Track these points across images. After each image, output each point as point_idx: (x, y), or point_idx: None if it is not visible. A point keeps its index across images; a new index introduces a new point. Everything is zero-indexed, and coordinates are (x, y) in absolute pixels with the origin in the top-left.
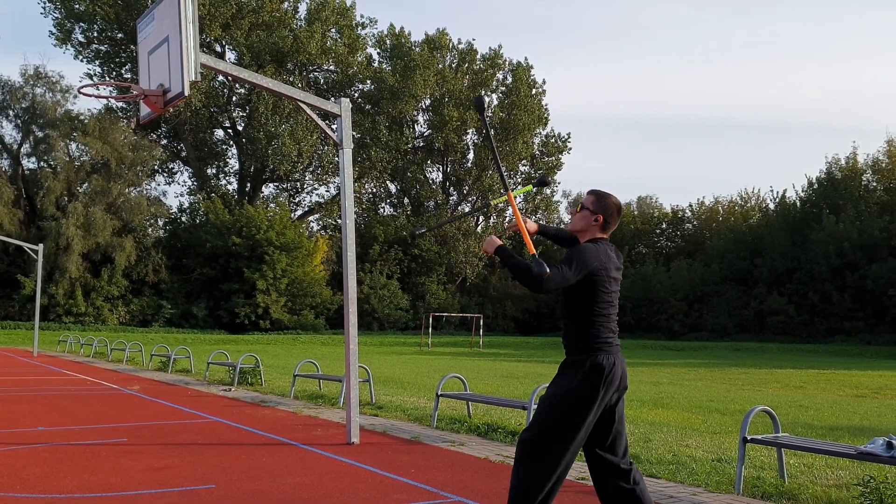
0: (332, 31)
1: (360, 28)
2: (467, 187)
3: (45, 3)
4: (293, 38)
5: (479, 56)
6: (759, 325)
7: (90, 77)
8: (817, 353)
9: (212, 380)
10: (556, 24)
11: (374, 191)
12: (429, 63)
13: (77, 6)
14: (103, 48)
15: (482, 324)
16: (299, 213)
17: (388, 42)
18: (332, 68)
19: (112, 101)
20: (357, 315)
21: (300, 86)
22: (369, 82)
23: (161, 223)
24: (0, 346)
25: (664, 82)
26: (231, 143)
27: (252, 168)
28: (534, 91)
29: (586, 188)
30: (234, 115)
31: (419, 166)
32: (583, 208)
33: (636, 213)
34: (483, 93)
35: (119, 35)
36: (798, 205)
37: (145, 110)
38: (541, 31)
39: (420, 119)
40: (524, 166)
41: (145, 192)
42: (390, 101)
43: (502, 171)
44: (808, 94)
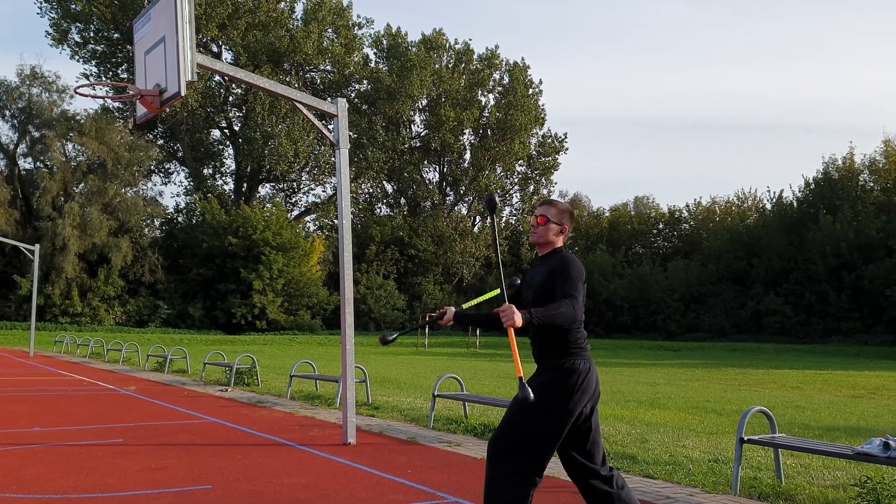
0: (329, 31)
1: (356, 28)
2: (464, 187)
3: (41, 3)
4: (290, 38)
5: (475, 56)
6: (755, 325)
7: (86, 77)
8: (814, 353)
9: (208, 380)
10: (555, 24)
11: (371, 191)
12: (425, 63)
13: (73, 6)
14: (100, 48)
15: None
16: (296, 213)
17: (384, 42)
18: (328, 68)
19: (108, 101)
20: (353, 315)
21: (297, 86)
22: (366, 82)
23: (157, 223)
24: None
25: (662, 82)
26: (227, 143)
27: (248, 168)
28: (530, 91)
29: (583, 188)
30: (230, 115)
31: (416, 166)
32: (547, 221)
33: (633, 213)
34: (479, 93)
35: (115, 35)
36: (795, 205)
37: (142, 110)
38: (539, 31)
39: (417, 119)
40: (521, 166)
41: (142, 193)
42: (387, 101)
43: (502, 275)
44: (807, 94)
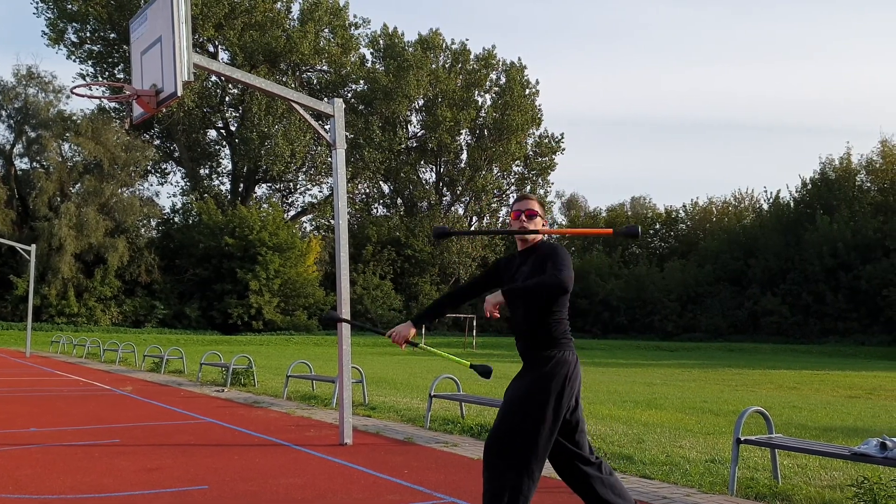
0: (326, 31)
1: (353, 28)
2: (460, 188)
3: (37, 3)
4: (286, 39)
5: (472, 56)
6: (752, 325)
7: (83, 77)
8: (811, 353)
9: (204, 380)
10: (552, 24)
11: (368, 191)
12: (422, 63)
13: (70, 6)
14: (96, 48)
15: (475, 324)
16: (292, 213)
17: (381, 42)
18: (325, 68)
19: (105, 101)
20: (350, 315)
21: (293, 86)
22: (362, 82)
23: (154, 224)
24: None
25: (660, 82)
26: (224, 143)
27: (245, 168)
28: (527, 91)
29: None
30: (227, 115)
31: (412, 167)
32: (536, 215)
33: (630, 213)
34: (476, 93)
35: (112, 35)
36: (792, 205)
37: (138, 111)
38: (536, 32)
39: (413, 119)
40: (518, 167)
41: (138, 193)
42: (383, 101)
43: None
44: (805, 94)
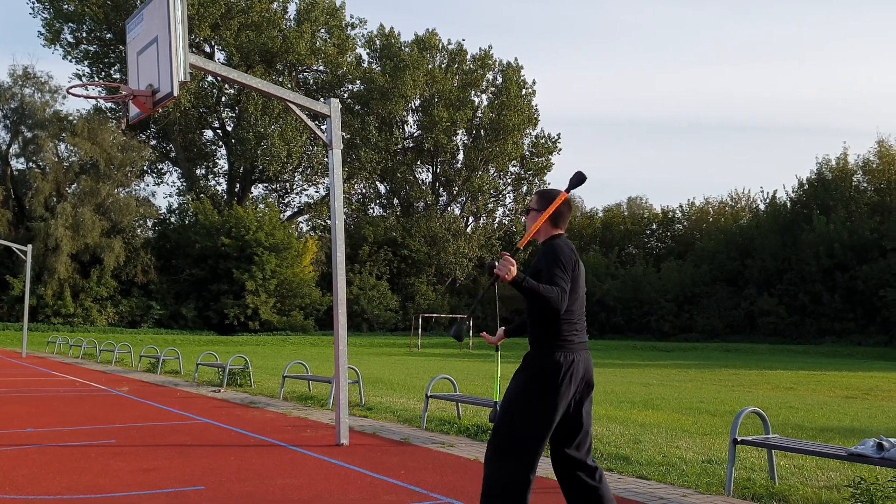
0: (322, 31)
1: (349, 28)
2: (457, 188)
3: (33, 4)
4: (282, 39)
5: (468, 56)
6: (749, 325)
7: (79, 77)
8: (808, 353)
9: (201, 381)
10: (549, 24)
11: (364, 191)
12: (418, 63)
13: (66, 6)
14: (92, 48)
15: (472, 325)
16: (288, 213)
17: (377, 42)
18: (321, 69)
19: (101, 101)
20: (346, 316)
21: (289, 86)
22: (359, 83)
23: (150, 224)
24: None
25: (656, 82)
26: (220, 143)
27: (241, 168)
28: (524, 91)
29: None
30: (223, 115)
31: (409, 167)
32: (530, 211)
33: (626, 213)
34: (472, 93)
35: (108, 35)
36: (788, 205)
37: (134, 111)
38: (533, 32)
39: (410, 119)
40: (514, 167)
41: (134, 193)
42: (380, 101)
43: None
44: (803, 94)
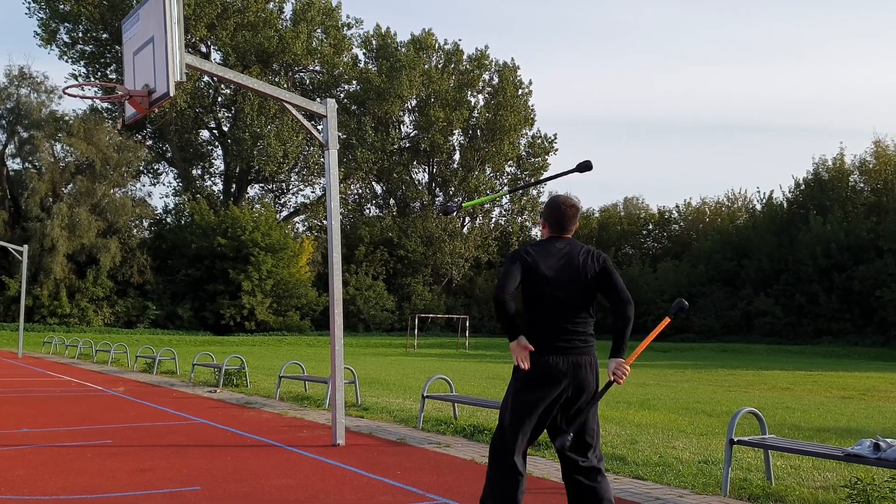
0: (318, 31)
1: (345, 28)
2: (453, 188)
3: (29, 4)
4: (278, 39)
5: (465, 56)
6: (745, 326)
7: (75, 77)
8: (804, 354)
9: (197, 381)
10: (546, 24)
11: (360, 192)
12: (415, 63)
13: (62, 6)
14: (88, 48)
15: (468, 325)
16: (285, 213)
17: (373, 42)
18: (317, 69)
19: (97, 101)
20: (343, 316)
21: (286, 86)
22: (355, 83)
23: (146, 224)
24: None
25: (654, 83)
26: (216, 143)
27: (237, 169)
28: (520, 91)
29: (573, 189)
30: (219, 115)
31: (405, 167)
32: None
33: (623, 214)
34: (469, 93)
35: (104, 35)
36: (785, 206)
37: (130, 111)
38: (530, 32)
39: (406, 120)
40: (510, 167)
41: (130, 193)
42: (376, 101)
43: None
44: (800, 94)
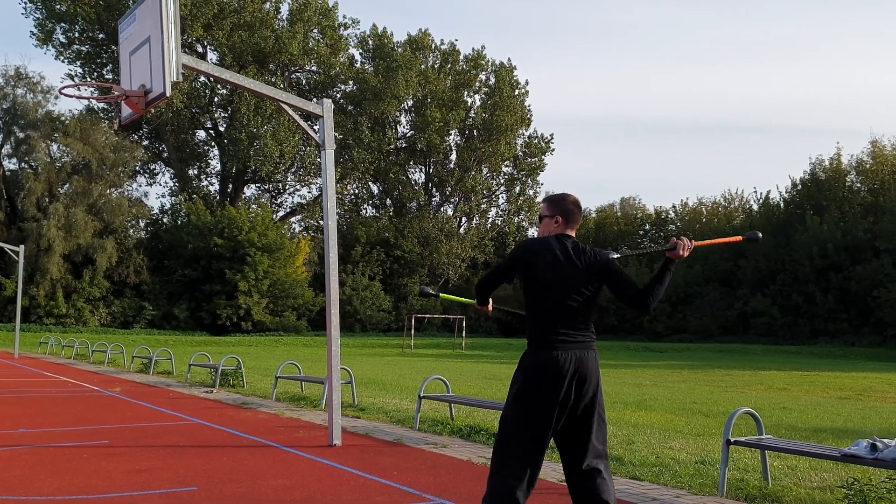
0: (315, 31)
1: (342, 28)
2: (450, 188)
3: (25, 4)
4: (275, 39)
5: (461, 57)
6: (742, 326)
7: (71, 77)
8: (801, 354)
9: (193, 382)
10: (543, 24)
11: (357, 192)
12: (411, 64)
13: (58, 6)
14: (84, 49)
15: (465, 325)
16: (281, 214)
17: (370, 42)
18: (314, 69)
19: (93, 101)
20: (339, 317)
21: (282, 86)
22: (351, 83)
23: (142, 224)
24: None
25: (651, 83)
26: (213, 143)
27: (234, 169)
28: (517, 92)
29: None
30: (215, 115)
31: (402, 167)
32: (542, 218)
33: (619, 214)
34: (465, 93)
35: (100, 35)
36: (782, 206)
37: (127, 111)
38: (527, 32)
39: (402, 120)
40: (507, 167)
41: (126, 193)
42: (373, 101)
43: None
44: (798, 95)
